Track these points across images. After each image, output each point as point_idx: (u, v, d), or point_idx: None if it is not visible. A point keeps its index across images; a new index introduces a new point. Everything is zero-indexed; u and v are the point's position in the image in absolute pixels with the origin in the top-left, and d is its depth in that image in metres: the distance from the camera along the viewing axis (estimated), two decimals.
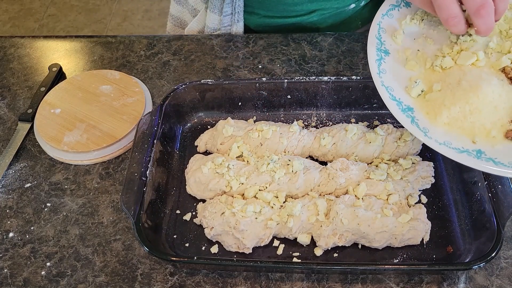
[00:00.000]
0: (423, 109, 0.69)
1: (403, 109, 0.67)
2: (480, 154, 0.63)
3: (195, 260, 0.69)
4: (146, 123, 0.81)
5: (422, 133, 0.65)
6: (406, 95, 0.70)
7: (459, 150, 0.63)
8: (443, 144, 0.64)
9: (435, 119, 0.67)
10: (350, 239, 0.73)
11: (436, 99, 0.68)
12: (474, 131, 0.66)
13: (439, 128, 0.67)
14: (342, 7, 1.05)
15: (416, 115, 0.68)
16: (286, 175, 0.77)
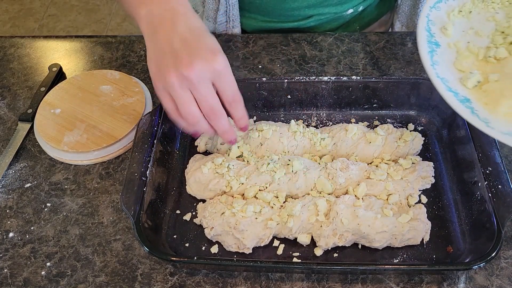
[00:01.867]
0: (481, 100, 0.67)
1: (460, 100, 0.66)
2: None
3: (195, 260, 0.69)
4: (146, 123, 0.81)
5: (483, 124, 0.64)
6: (461, 86, 0.69)
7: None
8: (507, 134, 0.63)
9: (494, 110, 0.66)
10: (350, 239, 0.73)
11: (494, 89, 0.67)
12: None
13: (500, 118, 0.65)
14: (340, 12, 1.05)
15: (474, 106, 0.66)
16: (286, 175, 0.77)
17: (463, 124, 0.79)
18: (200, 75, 0.64)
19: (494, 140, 0.75)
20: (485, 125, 0.63)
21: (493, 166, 0.73)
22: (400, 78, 0.87)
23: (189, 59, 0.64)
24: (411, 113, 0.88)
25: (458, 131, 0.81)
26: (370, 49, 1.02)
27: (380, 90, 0.87)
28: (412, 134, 0.83)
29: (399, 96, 0.87)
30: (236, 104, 0.70)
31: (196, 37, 0.66)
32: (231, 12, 1.01)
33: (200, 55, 0.65)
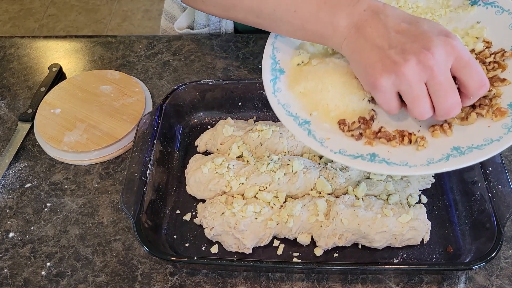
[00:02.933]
0: (292, 76, 0.71)
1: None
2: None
3: (195, 260, 0.69)
4: (146, 123, 0.81)
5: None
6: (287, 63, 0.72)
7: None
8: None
9: (293, 87, 0.70)
10: (350, 239, 0.73)
11: (304, 71, 0.71)
12: (317, 106, 0.68)
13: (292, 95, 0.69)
14: None
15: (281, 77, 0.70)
16: (286, 175, 0.77)
17: None
18: (441, 59, 0.54)
19: None
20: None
21: (493, 166, 0.73)
22: None
23: (423, 44, 0.54)
24: None
25: None
26: None
27: None
28: None
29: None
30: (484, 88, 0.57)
31: (414, 24, 0.57)
32: None
33: (434, 37, 0.55)
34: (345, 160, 0.63)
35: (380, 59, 0.56)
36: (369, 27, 0.58)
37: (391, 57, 0.55)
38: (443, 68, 0.54)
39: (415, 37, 0.55)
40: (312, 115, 0.68)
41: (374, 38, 0.57)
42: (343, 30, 0.60)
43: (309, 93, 0.69)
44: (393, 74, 0.55)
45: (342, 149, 0.64)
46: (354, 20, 0.59)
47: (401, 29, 0.56)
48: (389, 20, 0.57)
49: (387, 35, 0.56)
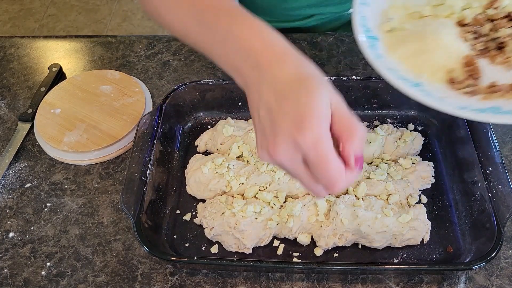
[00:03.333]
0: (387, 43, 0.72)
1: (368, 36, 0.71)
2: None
3: (195, 260, 0.69)
4: (146, 123, 0.81)
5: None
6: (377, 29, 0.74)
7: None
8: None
9: (393, 52, 0.71)
10: (350, 239, 0.73)
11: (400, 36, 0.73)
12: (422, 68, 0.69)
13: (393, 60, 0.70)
14: (340, 12, 1.05)
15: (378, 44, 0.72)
16: (286, 175, 0.77)
17: (463, 124, 0.79)
18: (285, 157, 0.52)
19: (494, 140, 0.75)
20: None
21: (493, 166, 0.73)
22: None
23: (273, 139, 0.52)
24: (411, 113, 0.88)
25: (458, 131, 0.81)
26: None
27: (380, 90, 0.86)
28: (412, 134, 0.83)
29: (399, 96, 0.86)
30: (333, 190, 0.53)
31: (280, 101, 0.52)
32: None
33: (283, 130, 0.51)
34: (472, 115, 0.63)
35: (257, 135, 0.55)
36: (250, 94, 0.56)
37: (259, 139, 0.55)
38: (291, 163, 0.52)
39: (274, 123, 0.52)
40: (421, 78, 0.68)
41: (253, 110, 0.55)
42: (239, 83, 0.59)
43: (411, 57, 0.71)
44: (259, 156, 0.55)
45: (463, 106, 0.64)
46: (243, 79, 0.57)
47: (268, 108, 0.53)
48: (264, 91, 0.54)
49: (257, 111, 0.54)
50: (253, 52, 0.55)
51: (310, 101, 0.51)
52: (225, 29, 0.58)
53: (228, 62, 0.59)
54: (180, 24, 0.65)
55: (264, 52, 0.55)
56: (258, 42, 0.56)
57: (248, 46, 0.56)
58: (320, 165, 0.51)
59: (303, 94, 0.51)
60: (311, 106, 0.51)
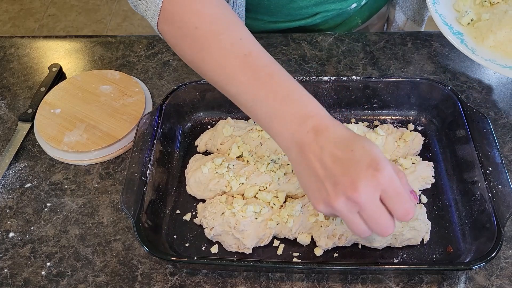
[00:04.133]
0: (471, 35, 0.79)
1: (454, 32, 0.77)
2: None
3: (195, 260, 0.69)
4: (146, 123, 0.81)
5: (470, 51, 0.74)
6: (457, 23, 0.81)
7: (503, 66, 0.72)
8: (488, 60, 0.73)
9: (482, 43, 0.77)
10: (350, 239, 0.73)
11: (483, 26, 0.78)
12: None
13: (485, 50, 0.77)
14: (344, 7, 1.05)
15: (465, 39, 0.78)
16: (286, 175, 0.77)
17: (463, 124, 0.79)
18: (367, 196, 0.58)
19: (494, 140, 0.75)
20: (471, 52, 0.74)
21: (493, 166, 0.73)
22: (400, 78, 0.87)
23: (351, 181, 0.58)
24: (411, 113, 0.88)
25: (458, 131, 0.81)
26: (370, 49, 1.02)
27: (380, 90, 0.87)
28: (412, 134, 0.83)
29: (399, 96, 0.87)
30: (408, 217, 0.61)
31: (348, 151, 0.60)
32: (236, 11, 1.01)
33: (361, 173, 0.58)
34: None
35: (318, 189, 0.61)
36: (309, 153, 0.61)
37: (326, 190, 0.60)
38: (370, 201, 0.58)
39: (347, 168, 0.59)
40: None
41: (314, 166, 0.61)
42: (288, 145, 0.64)
43: (501, 44, 0.76)
44: (329, 206, 0.61)
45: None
46: (297, 141, 0.63)
47: (335, 158, 0.60)
48: (326, 147, 0.60)
49: (323, 165, 0.60)
50: (311, 118, 0.63)
51: (374, 148, 0.60)
52: (282, 91, 0.65)
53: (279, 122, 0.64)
54: (226, 72, 0.68)
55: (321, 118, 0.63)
56: (315, 109, 0.64)
57: (306, 112, 0.63)
58: (399, 196, 0.59)
59: (366, 144, 0.60)
60: (377, 151, 0.59)
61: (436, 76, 0.95)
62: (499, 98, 0.91)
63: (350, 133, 0.62)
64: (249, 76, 0.66)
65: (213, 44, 0.69)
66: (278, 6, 1.02)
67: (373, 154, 0.59)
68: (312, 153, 0.61)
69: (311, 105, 0.65)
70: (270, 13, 1.05)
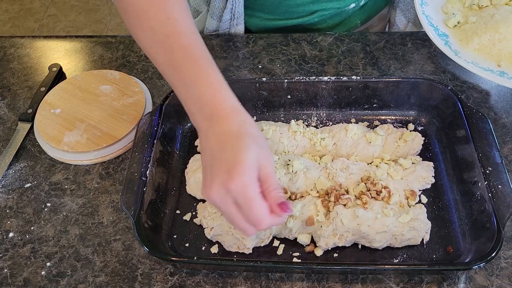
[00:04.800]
0: (457, 37, 0.79)
1: (439, 34, 0.77)
2: (503, 74, 0.71)
3: (195, 260, 0.69)
4: (146, 123, 0.81)
5: (453, 53, 0.74)
6: (443, 25, 0.81)
7: (485, 69, 0.72)
8: (471, 63, 0.73)
9: (466, 45, 0.77)
10: (350, 239, 0.73)
11: (470, 29, 0.78)
12: (500, 56, 0.75)
13: (469, 52, 0.77)
14: (343, 7, 1.05)
15: (450, 40, 0.78)
16: (286, 175, 0.77)
17: (463, 124, 0.79)
18: (218, 198, 0.62)
19: (494, 140, 0.75)
20: (454, 54, 0.74)
21: (493, 166, 0.73)
22: (400, 78, 0.87)
23: (210, 181, 0.62)
24: (411, 113, 0.88)
25: (458, 131, 0.81)
26: (370, 49, 1.02)
27: (380, 90, 0.86)
28: (412, 134, 0.83)
29: (399, 96, 0.87)
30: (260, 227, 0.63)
31: (220, 150, 0.63)
32: (236, 9, 1.01)
33: (218, 176, 0.61)
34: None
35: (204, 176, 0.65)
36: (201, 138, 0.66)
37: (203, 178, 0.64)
38: (223, 204, 0.62)
39: (212, 168, 0.62)
40: (501, 66, 0.74)
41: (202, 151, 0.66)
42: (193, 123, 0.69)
43: (486, 47, 0.76)
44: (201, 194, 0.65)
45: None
46: (197, 126, 0.67)
47: (212, 154, 0.63)
48: (210, 139, 0.64)
49: (204, 153, 0.65)
50: (208, 107, 0.65)
51: (245, 151, 0.61)
52: (189, 77, 0.67)
53: (186, 104, 0.69)
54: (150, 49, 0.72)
55: (217, 107, 0.65)
56: (214, 98, 0.66)
57: (205, 100, 0.66)
58: (247, 206, 0.61)
59: (237, 148, 0.62)
60: (241, 158, 0.61)
61: (436, 76, 0.95)
62: (499, 98, 0.91)
63: (236, 130, 0.63)
64: (167, 58, 0.69)
65: (144, 20, 0.71)
66: (275, 3, 1.02)
67: (238, 159, 0.61)
68: (202, 141, 0.65)
69: (214, 90, 0.66)
70: (267, 10, 1.05)
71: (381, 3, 1.14)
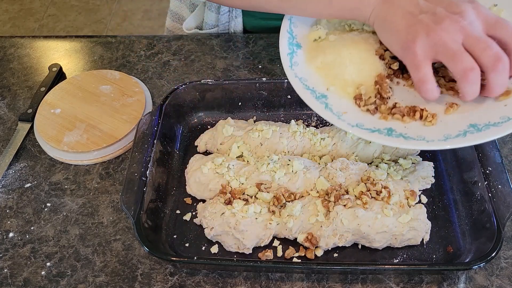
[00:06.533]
0: (310, 51, 0.73)
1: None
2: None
3: (195, 260, 0.69)
4: (146, 123, 0.81)
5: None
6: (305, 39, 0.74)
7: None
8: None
9: (311, 62, 0.71)
10: (350, 239, 0.73)
11: (323, 46, 0.73)
12: (334, 80, 0.69)
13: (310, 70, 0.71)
14: None
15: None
16: (286, 175, 0.77)
17: None
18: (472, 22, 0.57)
19: (494, 140, 0.75)
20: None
21: (493, 166, 0.73)
22: None
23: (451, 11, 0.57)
24: None
25: None
26: None
27: None
28: None
29: None
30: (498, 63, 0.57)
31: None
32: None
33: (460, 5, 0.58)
34: (363, 133, 0.65)
35: (413, 24, 0.58)
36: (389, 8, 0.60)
37: (424, 21, 0.57)
38: (476, 27, 0.57)
39: (443, 3, 0.58)
40: (329, 89, 0.69)
41: (404, 6, 0.60)
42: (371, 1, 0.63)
43: (327, 67, 0.71)
44: (429, 36, 0.58)
45: (360, 123, 0.65)
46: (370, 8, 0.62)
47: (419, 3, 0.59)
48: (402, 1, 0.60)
49: (415, 1, 0.59)
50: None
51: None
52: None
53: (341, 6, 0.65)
54: None
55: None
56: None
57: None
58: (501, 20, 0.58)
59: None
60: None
61: None
62: None
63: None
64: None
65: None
66: None
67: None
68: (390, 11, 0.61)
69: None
70: None
71: None
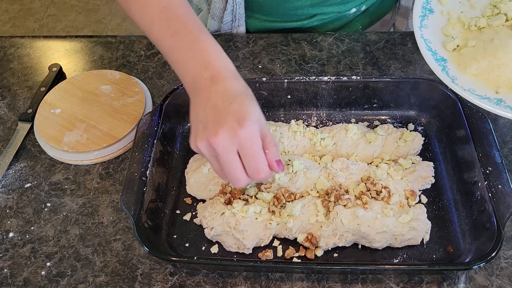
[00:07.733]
0: (456, 62, 0.76)
1: (437, 59, 0.74)
2: (500, 102, 0.69)
3: (195, 260, 0.69)
4: (146, 123, 0.81)
5: (449, 80, 0.72)
6: (442, 49, 0.78)
7: (481, 97, 0.70)
8: (467, 90, 0.71)
9: (464, 70, 0.74)
10: (350, 239, 0.73)
11: (468, 53, 0.76)
12: (499, 83, 0.73)
13: (467, 78, 0.74)
14: (343, 11, 1.05)
15: (448, 66, 0.75)
16: (286, 175, 0.77)
17: (463, 124, 0.79)
18: (224, 145, 0.64)
19: (494, 140, 0.75)
20: (451, 81, 0.72)
21: (493, 166, 0.73)
22: (400, 78, 0.87)
23: (214, 128, 0.64)
24: (411, 113, 0.88)
25: (458, 131, 0.81)
26: (370, 49, 1.02)
27: (380, 90, 0.86)
28: (412, 134, 0.83)
29: (399, 96, 0.87)
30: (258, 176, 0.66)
31: (227, 104, 0.65)
32: (237, 10, 1.01)
33: (227, 124, 0.64)
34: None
35: (195, 130, 0.67)
36: (200, 98, 0.68)
37: (198, 132, 0.66)
38: (226, 151, 0.64)
39: (218, 117, 0.65)
40: (499, 92, 0.72)
41: (198, 110, 0.68)
42: (190, 89, 0.71)
43: (484, 72, 0.74)
44: (195, 145, 0.67)
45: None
46: (195, 85, 0.69)
47: (215, 107, 0.66)
48: (213, 96, 0.66)
49: (205, 111, 0.66)
50: (210, 69, 0.68)
51: (251, 107, 0.66)
52: (191, 40, 0.71)
53: (184, 67, 0.71)
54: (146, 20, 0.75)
55: (219, 70, 0.68)
56: (217, 61, 0.69)
57: (207, 64, 0.69)
58: (252, 155, 0.64)
59: (246, 101, 0.66)
60: (252, 110, 0.65)
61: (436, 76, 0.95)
62: None
63: (240, 90, 0.67)
64: (164, 26, 0.73)
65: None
66: (273, 5, 1.02)
67: (246, 111, 0.64)
68: (201, 99, 0.68)
69: (215, 55, 0.70)
70: (266, 11, 1.05)
71: (384, 8, 1.13)
